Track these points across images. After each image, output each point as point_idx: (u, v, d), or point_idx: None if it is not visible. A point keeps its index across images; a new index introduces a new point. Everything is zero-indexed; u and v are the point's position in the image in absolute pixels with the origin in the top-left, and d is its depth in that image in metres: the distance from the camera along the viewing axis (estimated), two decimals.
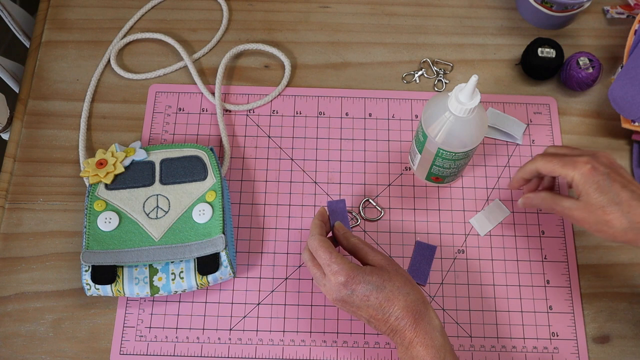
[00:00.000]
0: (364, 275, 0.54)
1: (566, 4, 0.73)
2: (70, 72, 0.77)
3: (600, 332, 0.65)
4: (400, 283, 0.54)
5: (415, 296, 0.54)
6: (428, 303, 0.55)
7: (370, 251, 0.57)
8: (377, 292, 0.54)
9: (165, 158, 0.68)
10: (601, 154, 0.57)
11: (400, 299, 0.54)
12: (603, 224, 0.54)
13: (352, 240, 0.59)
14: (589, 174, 0.54)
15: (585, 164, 0.55)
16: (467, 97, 0.56)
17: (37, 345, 0.64)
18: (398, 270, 0.56)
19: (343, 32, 0.79)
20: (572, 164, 0.55)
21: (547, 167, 0.58)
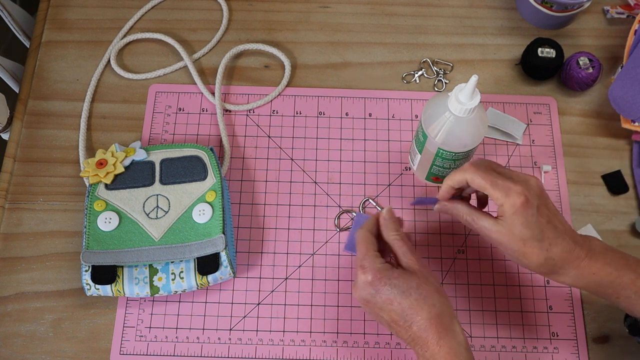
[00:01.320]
0: (391, 277, 0.53)
1: (566, 4, 0.73)
2: (70, 72, 0.77)
3: (600, 332, 0.65)
4: (428, 292, 0.52)
5: (441, 308, 0.52)
6: (455, 317, 0.53)
7: (406, 252, 0.55)
8: (401, 297, 0.52)
9: (165, 158, 0.68)
10: (533, 182, 0.53)
11: (425, 309, 0.52)
12: (520, 254, 0.53)
13: (391, 236, 0.56)
14: (520, 207, 0.51)
15: (518, 195, 0.51)
16: (467, 97, 0.56)
17: (37, 345, 0.64)
18: (429, 279, 0.53)
19: (343, 32, 0.79)
20: (505, 190, 0.52)
21: (477, 183, 0.53)
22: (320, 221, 0.69)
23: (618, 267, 0.53)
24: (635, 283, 0.53)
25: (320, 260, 0.67)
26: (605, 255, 0.53)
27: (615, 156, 0.73)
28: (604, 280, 0.53)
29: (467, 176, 0.54)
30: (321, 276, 0.67)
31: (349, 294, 0.66)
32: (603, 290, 0.54)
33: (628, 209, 0.70)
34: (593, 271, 0.53)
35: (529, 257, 0.53)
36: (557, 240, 0.52)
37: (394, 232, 0.56)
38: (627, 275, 0.53)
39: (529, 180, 0.54)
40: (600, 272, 0.53)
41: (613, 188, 0.71)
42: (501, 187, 0.52)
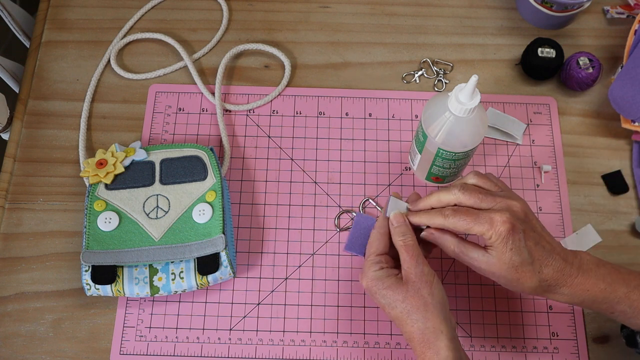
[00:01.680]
0: (382, 288, 0.54)
1: (566, 4, 0.73)
2: (70, 72, 0.77)
3: (600, 332, 0.65)
4: (413, 307, 0.52)
5: (425, 324, 0.52)
6: (442, 332, 0.52)
7: (406, 260, 0.55)
8: (389, 308, 0.54)
9: (165, 158, 0.68)
10: (516, 207, 0.53)
11: (408, 324, 0.53)
12: (514, 281, 0.53)
13: (397, 241, 0.56)
14: (506, 234, 0.51)
15: (503, 223, 0.51)
16: (467, 97, 0.56)
17: (37, 345, 0.64)
18: (419, 292, 0.53)
19: (343, 32, 0.79)
20: (489, 222, 0.51)
21: (461, 226, 0.53)
22: (320, 221, 0.69)
23: (611, 282, 0.53)
24: (629, 297, 0.53)
25: (320, 260, 0.67)
26: (597, 271, 0.54)
27: (615, 156, 0.73)
28: (598, 296, 0.53)
29: (447, 223, 0.53)
30: (321, 276, 0.67)
31: (349, 294, 0.66)
32: (598, 305, 0.54)
33: (628, 209, 0.70)
34: (586, 288, 0.53)
35: (522, 282, 0.53)
36: (547, 260, 0.52)
37: (400, 237, 0.56)
38: (620, 289, 0.53)
39: (512, 206, 0.53)
40: (594, 288, 0.53)
41: (613, 188, 0.71)
42: (484, 221, 0.52)
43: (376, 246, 0.57)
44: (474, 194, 0.54)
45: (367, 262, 0.56)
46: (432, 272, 0.54)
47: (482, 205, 0.53)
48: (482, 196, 0.54)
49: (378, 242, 0.57)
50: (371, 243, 0.57)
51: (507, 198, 0.54)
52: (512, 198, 0.54)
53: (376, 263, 0.56)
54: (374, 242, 0.57)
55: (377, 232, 0.58)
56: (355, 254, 0.67)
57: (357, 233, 0.67)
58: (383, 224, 0.58)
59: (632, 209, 0.70)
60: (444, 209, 0.55)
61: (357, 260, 0.67)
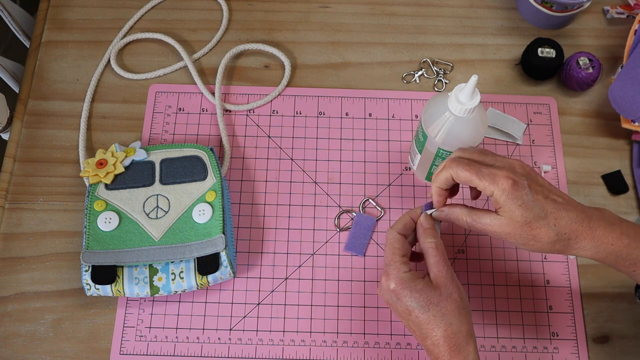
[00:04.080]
0: (413, 290, 0.52)
1: (566, 4, 0.73)
2: (70, 72, 0.77)
3: (600, 332, 0.65)
4: (447, 310, 0.52)
5: (458, 328, 0.51)
6: (472, 337, 0.52)
7: (437, 263, 0.53)
8: (420, 311, 0.52)
9: (165, 158, 0.68)
10: (516, 164, 0.52)
11: (441, 327, 0.51)
12: (530, 239, 0.51)
13: (427, 243, 0.54)
14: (511, 190, 0.50)
15: (506, 179, 0.50)
16: (467, 97, 0.56)
17: (37, 345, 0.64)
18: (452, 295, 0.52)
19: (343, 32, 0.79)
20: (490, 177, 0.51)
21: (463, 176, 0.52)
22: (320, 221, 0.69)
23: (635, 238, 0.52)
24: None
25: (320, 260, 0.67)
26: (620, 226, 0.52)
27: (615, 156, 0.73)
28: (621, 252, 0.51)
29: (451, 172, 0.53)
30: (321, 276, 0.67)
31: (349, 294, 0.66)
32: (620, 262, 0.52)
33: (628, 209, 0.70)
34: (610, 242, 0.51)
35: (539, 238, 0.51)
36: (560, 212, 0.51)
37: (430, 240, 0.55)
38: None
39: (512, 163, 0.52)
40: (618, 242, 0.51)
41: (613, 188, 0.71)
42: (486, 176, 0.51)
43: (399, 247, 0.55)
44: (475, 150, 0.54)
45: (394, 263, 0.54)
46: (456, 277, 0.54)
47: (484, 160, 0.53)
48: (483, 152, 0.54)
49: (400, 243, 0.55)
50: (392, 244, 0.55)
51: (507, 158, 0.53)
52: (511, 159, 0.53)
53: (404, 264, 0.54)
54: (395, 242, 0.55)
55: (395, 233, 0.56)
56: (355, 254, 0.67)
57: (357, 233, 0.67)
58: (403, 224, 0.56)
59: (632, 209, 0.70)
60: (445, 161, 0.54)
61: (357, 260, 0.68)
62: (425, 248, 0.54)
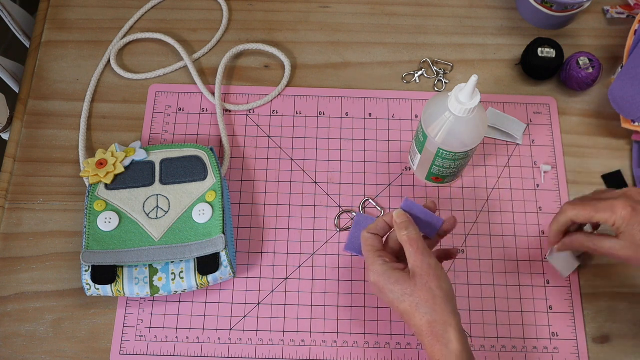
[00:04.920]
0: (389, 282, 0.54)
1: (566, 4, 0.73)
2: (70, 72, 0.77)
3: (600, 332, 0.65)
4: (422, 300, 0.53)
5: (433, 317, 0.52)
6: (451, 325, 0.52)
7: (412, 254, 0.55)
8: (397, 302, 0.54)
9: (165, 158, 0.68)
10: (632, 192, 0.57)
11: (417, 317, 0.53)
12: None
13: (401, 236, 0.56)
14: (630, 217, 0.54)
15: (624, 207, 0.55)
16: (467, 97, 0.56)
17: (37, 345, 0.64)
18: (427, 285, 0.53)
19: (343, 32, 0.79)
20: (610, 208, 0.55)
21: (583, 215, 0.57)
22: (320, 221, 0.69)
23: None
24: None
25: (320, 260, 0.67)
26: None
27: (615, 156, 0.73)
28: None
29: (570, 215, 0.58)
30: (321, 276, 0.67)
31: (349, 294, 0.66)
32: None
33: None
34: None
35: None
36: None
37: (404, 232, 0.56)
38: None
39: (627, 192, 0.57)
40: None
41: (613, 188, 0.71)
42: (606, 207, 0.55)
43: (371, 243, 0.57)
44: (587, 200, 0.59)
45: (369, 258, 0.56)
46: (439, 264, 0.55)
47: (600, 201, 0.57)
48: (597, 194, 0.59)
49: (372, 239, 0.57)
50: (365, 242, 0.57)
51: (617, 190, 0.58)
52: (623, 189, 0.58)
53: (378, 257, 0.56)
54: (368, 239, 0.57)
55: (366, 232, 0.58)
56: (355, 254, 0.67)
57: (357, 233, 0.67)
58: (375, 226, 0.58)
59: None
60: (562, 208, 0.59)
61: (357, 260, 0.68)
62: (401, 241, 0.56)
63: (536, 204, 0.70)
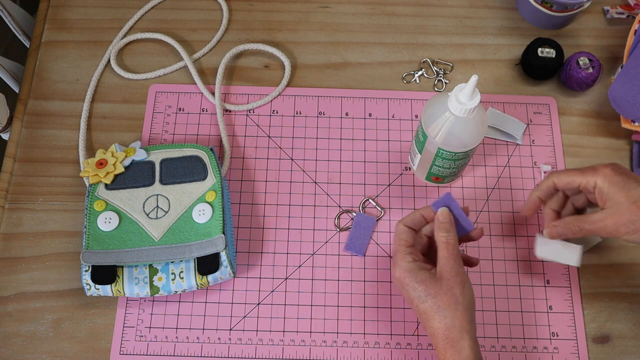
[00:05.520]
0: (414, 280, 0.54)
1: (566, 4, 0.73)
2: (70, 72, 0.77)
3: (600, 332, 0.65)
4: (444, 303, 0.53)
5: (452, 322, 0.53)
6: (467, 331, 0.53)
7: (444, 257, 0.55)
8: (418, 301, 0.54)
9: (165, 158, 0.68)
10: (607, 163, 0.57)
11: (435, 319, 0.53)
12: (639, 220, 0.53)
13: (439, 237, 0.56)
14: (611, 174, 0.55)
15: (604, 167, 0.56)
16: (467, 97, 0.56)
17: (37, 345, 0.64)
18: (452, 290, 0.54)
19: (343, 32, 0.79)
20: (591, 170, 0.56)
21: (565, 179, 0.58)
22: (320, 221, 0.69)
23: None
24: None
25: (320, 260, 0.67)
26: None
27: (615, 156, 0.73)
28: None
29: (554, 178, 0.59)
30: (321, 276, 0.67)
31: (349, 294, 0.66)
32: None
33: None
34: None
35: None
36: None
37: (443, 234, 0.56)
38: None
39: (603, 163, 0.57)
40: None
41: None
42: (588, 170, 0.56)
43: (405, 237, 0.57)
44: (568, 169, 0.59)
45: (399, 252, 0.57)
46: (465, 273, 0.55)
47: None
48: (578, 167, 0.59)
49: (407, 234, 0.58)
50: (399, 235, 0.58)
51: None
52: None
53: (409, 254, 0.56)
54: (402, 233, 0.58)
55: (403, 225, 0.58)
56: (355, 254, 0.67)
57: (357, 233, 0.67)
58: (412, 218, 0.59)
59: None
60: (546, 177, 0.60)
61: (357, 260, 0.68)
62: (438, 241, 0.56)
63: None
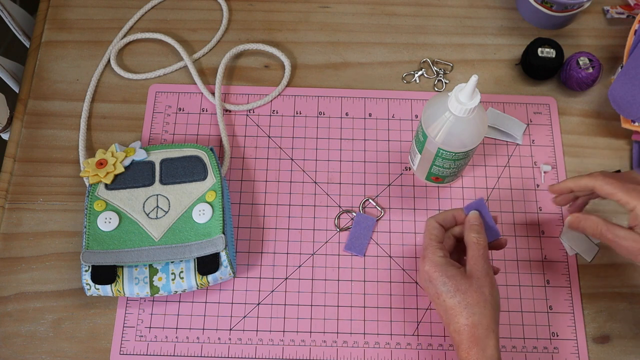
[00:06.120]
0: (444, 275, 0.54)
1: (566, 4, 0.73)
2: (70, 72, 0.77)
3: (600, 332, 0.65)
4: (473, 300, 0.53)
5: (480, 320, 0.53)
6: (493, 330, 0.53)
7: (476, 257, 0.55)
8: (446, 295, 0.54)
9: (165, 158, 0.68)
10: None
11: (463, 315, 0.53)
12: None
13: (471, 237, 0.57)
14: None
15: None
16: (467, 97, 0.56)
17: (37, 345, 0.64)
18: (481, 289, 0.54)
19: (343, 32, 0.79)
20: (636, 192, 0.54)
21: (607, 189, 0.55)
22: (320, 221, 0.69)
23: None
24: None
25: (320, 260, 0.67)
26: None
27: (615, 156, 0.73)
28: None
29: (597, 183, 0.56)
30: (321, 276, 0.67)
31: (349, 294, 0.66)
32: None
33: None
34: None
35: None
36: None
37: (475, 234, 0.57)
38: None
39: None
40: None
41: None
42: (631, 190, 0.54)
43: (436, 233, 0.58)
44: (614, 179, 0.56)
45: (430, 247, 0.57)
46: (494, 275, 0.56)
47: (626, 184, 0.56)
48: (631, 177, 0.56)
49: (438, 230, 0.58)
50: (430, 230, 0.58)
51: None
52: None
53: (440, 249, 0.56)
54: (433, 229, 0.58)
55: (435, 222, 0.58)
56: (355, 254, 0.67)
57: (357, 233, 0.67)
58: (444, 217, 0.59)
59: None
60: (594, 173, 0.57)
61: (357, 260, 0.68)
62: (468, 241, 0.57)
63: (536, 204, 0.70)
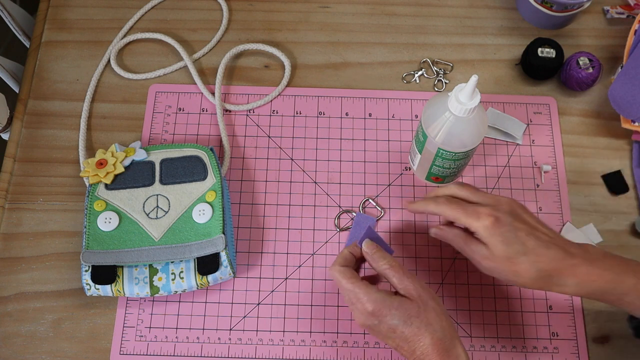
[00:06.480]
0: (391, 308, 0.53)
1: (566, 4, 0.73)
2: (70, 72, 0.77)
3: (600, 332, 0.65)
4: (429, 319, 0.53)
5: (443, 333, 0.52)
6: (457, 337, 0.53)
7: (401, 278, 0.55)
8: (403, 326, 0.53)
9: (165, 158, 0.68)
10: (503, 201, 0.55)
11: (427, 336, 0.52)
12: (512, 274, 0.53)
13: (381, 266, 0.56)
14: (492, 227, 0.53)
15: (487, 216, 0.53)
16: (467, 97, 0.56)
17: (37, 345, 0.64)
18: (428, 303, 0.54)
19: (343, 32, 0.79)
20: (475, 215, 0.54)
21: (451, 215, 0.56)
22: (320, 221, 0.69)
23: (618, 272, 0.53)
24: (637, 287, 0.52)
25: (320, 260, 0.67)
26: (604, 262, 0.53)
27: (615, 156, 0.73)
28: (605, 287, 0.53)
29: (440, 210, 0.57)
30: (321, 276, 0.67)
31: None
32: (606, 297, 0.54)
33: (628, 209, 0.70)
34: (593, 278, 0.52)
35: (521, 274, 0.53)
36: (541, 250, 0.52)
37: (383, 262, 0.56)
38: (628, 280, 0.53)
39: (499, 200, 0.56)
40: (600, 278, 0.52)
41: (613, 188, 0.71)
42: (472, 213, 0.54)
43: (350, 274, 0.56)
44: (468, 187, 0.58)
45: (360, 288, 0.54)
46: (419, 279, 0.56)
47: (472, 198, 0.57)
48: (474, 190, 0.58)
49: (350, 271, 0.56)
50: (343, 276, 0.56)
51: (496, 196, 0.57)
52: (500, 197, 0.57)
53: (369, 286, 0.55)
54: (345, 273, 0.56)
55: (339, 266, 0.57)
56: None
57: (357, 233, 0.67)
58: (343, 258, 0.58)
59: (632, 209, 0.70)
60: (438, 197, 0.58)
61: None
62: (382, 271, 0.56)
63: (536, 204, 0.70)
